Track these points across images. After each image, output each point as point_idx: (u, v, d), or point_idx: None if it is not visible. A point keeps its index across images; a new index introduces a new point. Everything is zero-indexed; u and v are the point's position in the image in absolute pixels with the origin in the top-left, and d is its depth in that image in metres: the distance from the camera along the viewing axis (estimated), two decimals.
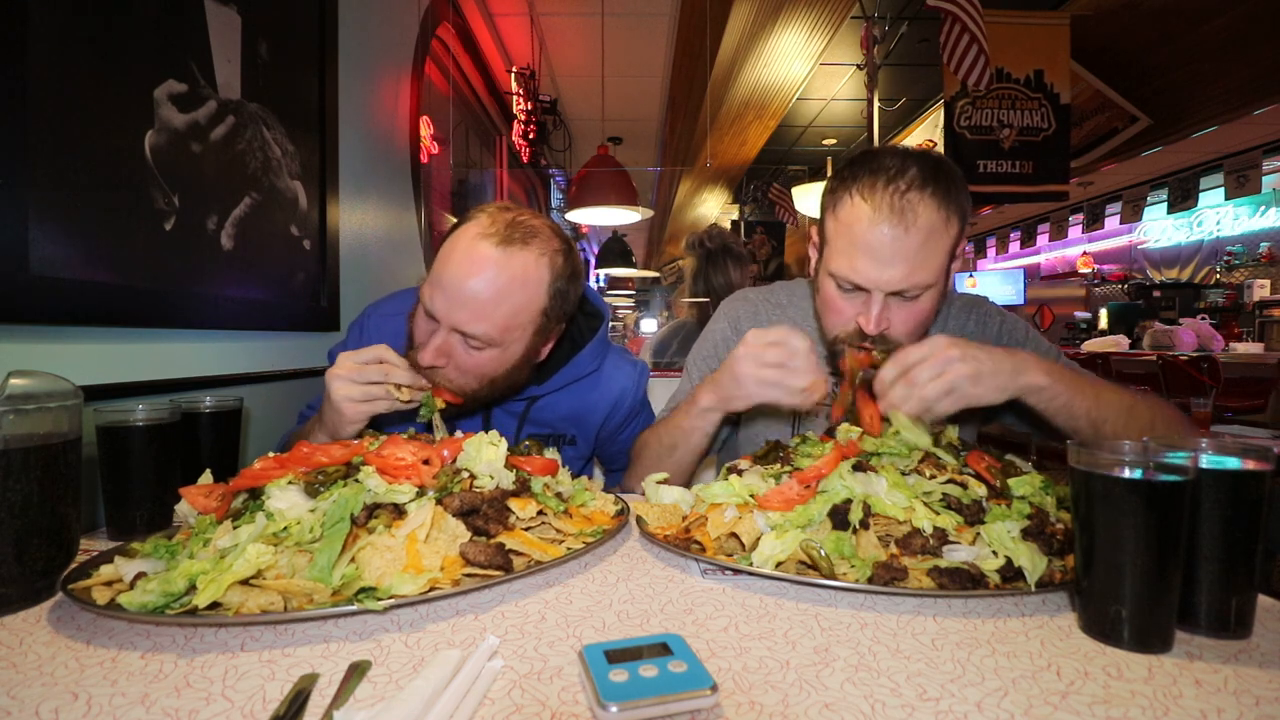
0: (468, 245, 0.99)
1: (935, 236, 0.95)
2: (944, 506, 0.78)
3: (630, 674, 0.49)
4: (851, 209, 0.98)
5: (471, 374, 1.04)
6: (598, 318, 1.26)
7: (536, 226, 1.04)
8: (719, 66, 4.56)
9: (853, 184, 0.98)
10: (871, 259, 0.96)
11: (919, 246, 0.94)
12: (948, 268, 1.02)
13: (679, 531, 0.86)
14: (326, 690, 0.51)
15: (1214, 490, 0.60)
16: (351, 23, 1.93)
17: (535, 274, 1.01)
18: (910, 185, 0.94)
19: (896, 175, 0.95)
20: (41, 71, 0.92)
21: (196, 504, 0.78)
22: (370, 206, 2.11)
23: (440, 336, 1.00)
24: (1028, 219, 9.14)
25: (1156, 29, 4.50)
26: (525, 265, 1.00)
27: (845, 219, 0.98)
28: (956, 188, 0.98)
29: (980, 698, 0.50)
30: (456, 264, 0.98)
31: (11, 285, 0.88)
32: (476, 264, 0.97)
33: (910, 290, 0.97)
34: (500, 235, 0.99)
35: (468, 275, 0.97)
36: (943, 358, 0.87)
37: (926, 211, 0.94)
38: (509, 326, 1.01)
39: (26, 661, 0.56)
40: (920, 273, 0.96)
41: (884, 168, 0.97)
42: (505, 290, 0.98)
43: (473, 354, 1.01)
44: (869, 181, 0.96)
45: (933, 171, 0.96)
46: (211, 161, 1.30)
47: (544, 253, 1.02)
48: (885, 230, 0.94)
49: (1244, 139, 5.54)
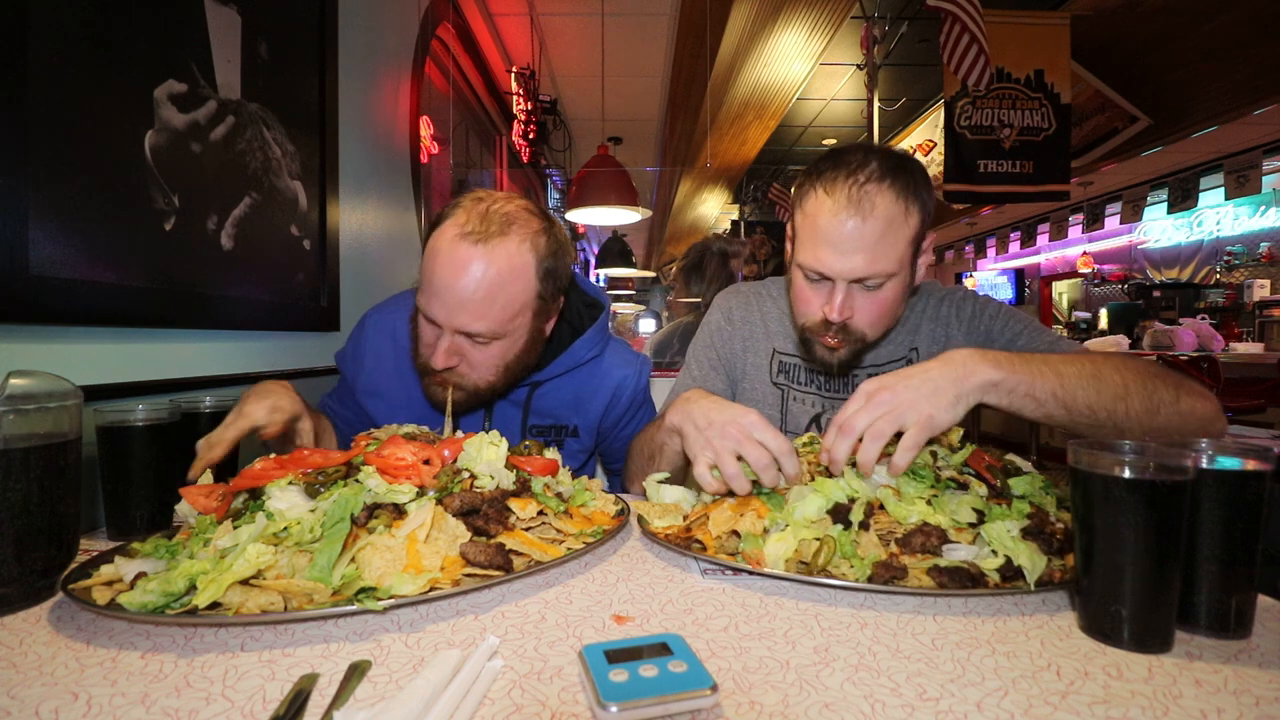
0: (449, 247, 0.99)
1: (894, 226, 1.00)
2: (955, 487, 0.79)
3: (630, 674, 0.49)
4: (815, 202, 1.03)
5: (486, 367, 1.06)
6: (597, 307, 1.28)
7: (512, 212, 1.03)
8: (719, 66, 4.56)
9: (817, 180, 1.03)
10: (833, 249, 1.00)
11: (878, 236, 0.99)
12: (911, 259, 1.05)
13: (679, 530, 0.86)
14: (326, 690, 0.51)
15: (1214, 490, 0.60)
16: (351, 23, 1.93)
17: (521, 261, 1.01)
18: (869, 178, 0.99)
19: (857, 169, 1.00)
20: (41, 71, 0.92)
21: (197, 504, 0.78)
22: (370, 206, 2.11)
23: (446, 339, 1.02)
24: (1028, 219, 9.14)
25: (1156, 29, 4.50)
26: (510, 255, 1.00)
27: (810, 211, 1.04)
28: (916, 181, 1.02)
29: (980, 698, 0.50)
30: (443, 268, 0.99)
31: (11, 285, 0.88)
32: (462, 265, 0.98)
33: (872, 279, 1.02)
34: (478, 231, 0.99)
35: (456, 279, 0.98)
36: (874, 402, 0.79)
37: (884, 202, 0.99)
38: (509, 317, 1.02)
39: (26, 661, 0.56)
40: (880, 262, 1.00)
41: (845, 163, 1.02)
42: (496, 285, 0.99)
43: (481, 349, 1.04)
44: (831, 176, 1.02)
45: (892, 165, 1.01)
46: (211, 161, 1.30)
47: (525, 238, 1.02)
48: (845, 220, 0.99)
49: (1244, 139, 5.54)
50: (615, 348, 1.29)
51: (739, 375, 1.31)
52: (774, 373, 1.27)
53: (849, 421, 0.80)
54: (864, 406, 0.80)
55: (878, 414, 0.78)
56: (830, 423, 0.83)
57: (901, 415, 0.78)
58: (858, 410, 0.80)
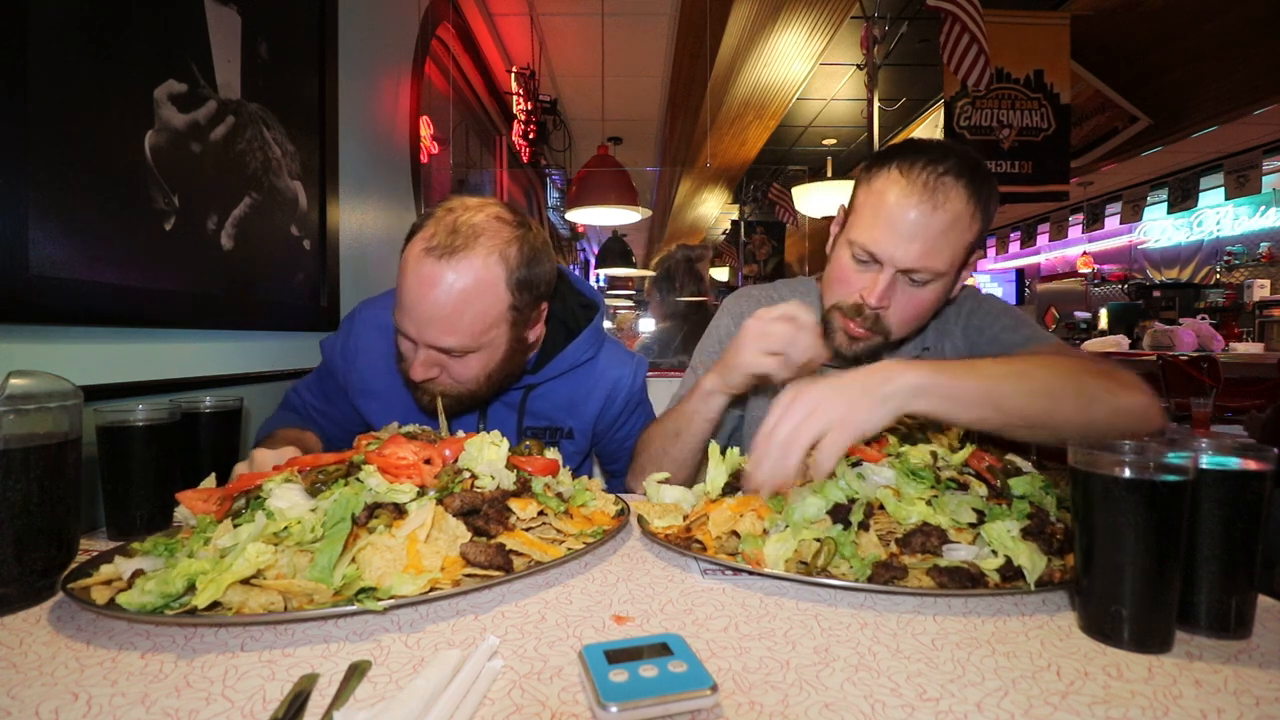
0: (415, 263, 0.98)
1: (959, 226, 0.98)
2: (955, 487, 0.79)
3: (630, 674, 0.49)
4: (886, 179, 1.01)
5: (467, 378, 1.06)
6: (593, 308, 1.27)
7: (479, 224, 1.00)
8: (719, 66, 4.56)
9: (895, 159, 1.01)
10: (893, 231, 0.98)
11: (942, 230, 0.97)
12: (960, 267, 1.03)
13: (680, 530, 0.86)
14: (326, 690, 0.51)
15: (1214, 490, 0.60)
16: (351, 23, 1.93)
17: (489, 275, 0.99)
18: (948, 171, 0.98)
19: (937, 159, 0.99)
20: (42, 71, 0.92)
21: (194, 508, 0.77)
22: (370, 206, 2.11)
23: (422, 352, 1.02)
24: (1028, 219, 9.14)
25: (1156, 29, 4.50)
26: (475, 270, 0.98)
27: (878, 187, 1.01)
28: (988, 190, 1.01)
29: (980, 698, 0.50)
30: (409, 284, 0.98)
31: (11, 285, 0.88)
32: (427, 282, 0.96)
33: (921, 273, 0.99)
34: (443, 246, 0.97)
35: (422, 296, 0.97)
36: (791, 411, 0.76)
37: (958, 198, 0.97)
38: (480, 331, 1.01)
39: (26, 661, 0.56)
40: (935, 257, 0.98)
41: (927, 150, 1.01)
42: (462, 301, 0.97)
43: (459, 361, 1.03)
44: (910, 159, 1.00)
45: (971, 167, 1.00)
46: (211, 161, 1.30)
47: (492, 250, 1.00)
48: (913, 204, 0.97)
49: (1244, 139, 5.55)
50: (611, 349, 1.28)
51: None
52: None
53: (770, 434, 0.75)
54: (782, 416, 0.75)
55: (796, 421, 0.74)
56: (754, 441, 0.78)
57: (820, 419, 0.74)
58: (776, 422, 0.76)
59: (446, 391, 1.06)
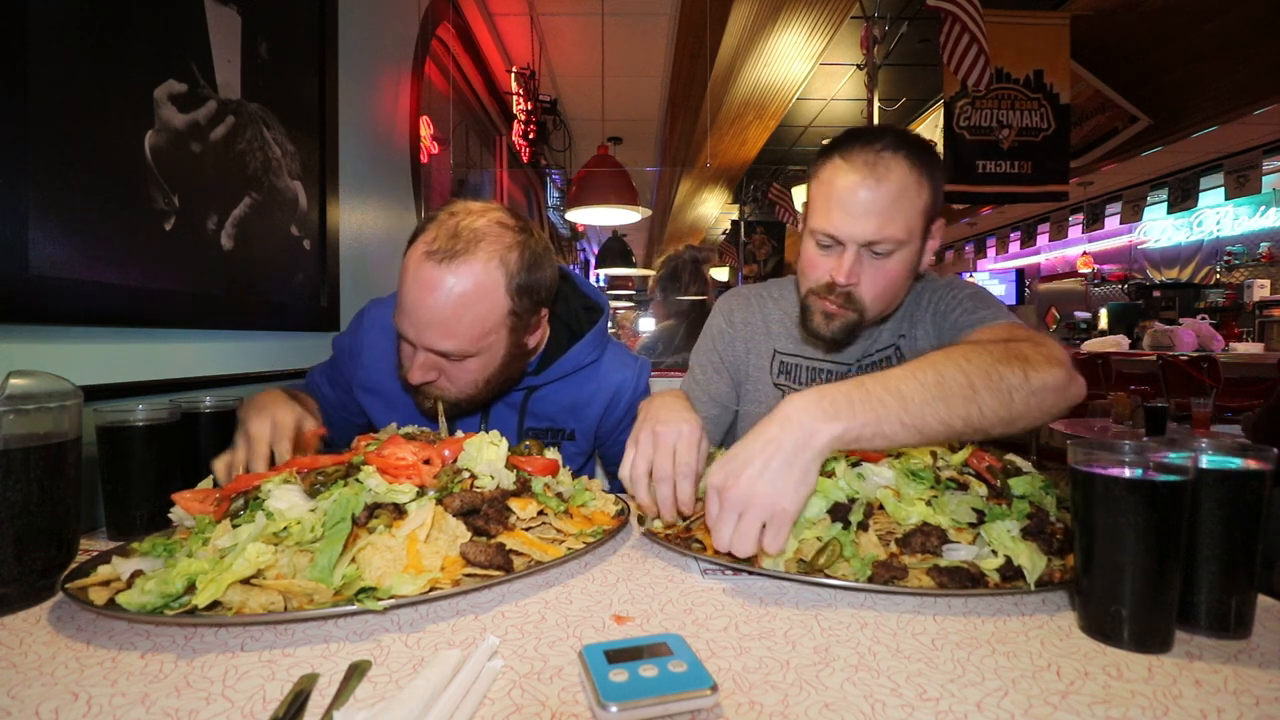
0: (416, 267, 0.98)
1: (907, 194, 1.03)
2: (955, 487, 0.79)
3: (630, 674, 0.49)
4: (832, 168, 1.07)
5: (465, 382, 1.06)
6: (597, 310, 1.27)
7: (481, 229, 1.00)
8: (719, 66, 4.56)
9: (835, 150, 1.09)
10: (846, 212, 1.04)
11: (892, 200, 1.03)
12: (921, 233, 1.08)
13: (680, 530, 0.86)
14: (326, 690, 0.51)
15: (1214, 490, 0.60)
16: (351, 23, 1.93)
17: (488, 281, 0.99)
18: (885, 147, 1.04)
19: (872, 140, 1.06)
20: (41, 71, 0.92)
21: (191, 509, 0.77)
22: (370, 206, 2.11)
23: (420, 356, 1.02)
24: (1028, 219, 9.13)
25: (1156, 29, 4.49)
26: (475, 276, 0.98)
27: (826, 177, 1.08)
28: (929, 158, 1.07)
29: (980, 698, 0.50)
30: (410, 287, 0.98)
31: (11, 285, 0.88)
32: (426, 286, 0.97)
33: (882, 244, 1.04)
34: (443, 250, 0.97)
35: (421, 300, 0.97)
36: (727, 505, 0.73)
37: (898, 169, 1.03)
38: (478, 335, 1.01)
39: (26, 661, 0.56)
40: (891, 226, 1.03)
41: (863, 135, 1.08)
42: (461, 306, 0.97)
43: (457, 365, 1.03)
44: (848, 146, 1.07)
45: (907, 140, 1.06)
46: (211, 161, 1.30)
47: (492, 256, 1.00)
48: (859, 183, 1.03)
49: (1244, 139, 5.54)
50: (614, 351, 1.28)
51: (743, 377, 1.31)
52: (775, 373, 1.27)
53: (715, 530, 0.74)
54: (720, 512, 0.73)
55: (732, 524, 0.72)
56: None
57: (755, 515, 0.72)
58: (717, 518, 0.74)
59: (444, 396, 1.06)
